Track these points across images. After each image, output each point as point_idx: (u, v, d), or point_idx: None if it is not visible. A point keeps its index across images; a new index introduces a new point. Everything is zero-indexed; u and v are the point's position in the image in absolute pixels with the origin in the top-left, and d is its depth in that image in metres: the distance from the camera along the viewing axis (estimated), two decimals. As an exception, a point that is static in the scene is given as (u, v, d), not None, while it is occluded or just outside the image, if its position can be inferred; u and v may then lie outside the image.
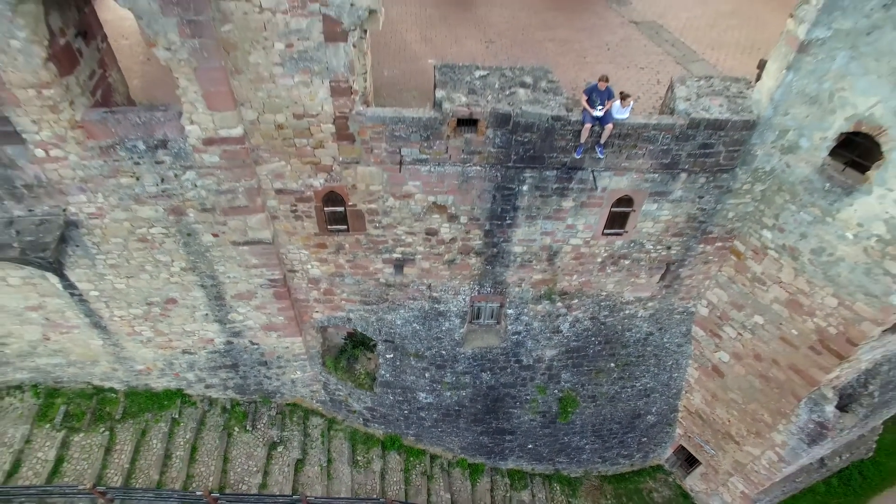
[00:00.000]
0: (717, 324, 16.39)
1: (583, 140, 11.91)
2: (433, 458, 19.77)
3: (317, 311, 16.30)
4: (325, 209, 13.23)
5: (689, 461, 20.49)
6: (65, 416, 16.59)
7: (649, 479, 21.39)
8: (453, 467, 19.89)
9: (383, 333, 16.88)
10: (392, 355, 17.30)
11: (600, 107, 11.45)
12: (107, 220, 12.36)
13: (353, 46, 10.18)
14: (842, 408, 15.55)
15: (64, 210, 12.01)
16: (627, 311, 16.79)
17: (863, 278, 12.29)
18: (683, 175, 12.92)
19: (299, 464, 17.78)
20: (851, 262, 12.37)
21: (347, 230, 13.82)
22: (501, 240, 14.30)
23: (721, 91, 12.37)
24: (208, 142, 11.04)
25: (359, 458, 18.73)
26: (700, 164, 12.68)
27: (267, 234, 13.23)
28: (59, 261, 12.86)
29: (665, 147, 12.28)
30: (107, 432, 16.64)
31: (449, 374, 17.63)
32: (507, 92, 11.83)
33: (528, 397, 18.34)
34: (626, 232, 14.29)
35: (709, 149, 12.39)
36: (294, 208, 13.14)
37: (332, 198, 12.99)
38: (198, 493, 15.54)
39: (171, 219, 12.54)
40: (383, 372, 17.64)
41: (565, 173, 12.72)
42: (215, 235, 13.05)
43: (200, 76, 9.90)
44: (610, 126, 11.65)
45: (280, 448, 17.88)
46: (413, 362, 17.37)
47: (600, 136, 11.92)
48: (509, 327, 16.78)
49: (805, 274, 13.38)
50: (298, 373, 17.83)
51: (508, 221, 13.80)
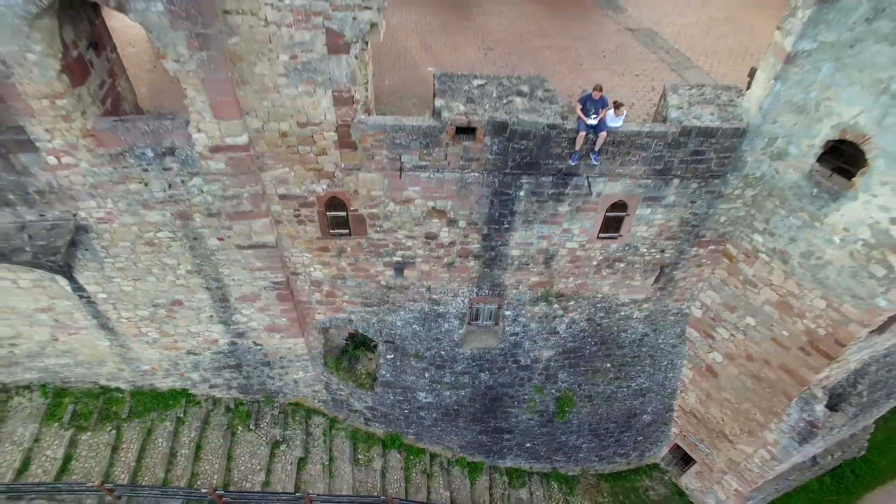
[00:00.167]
0: (711, 325, 16.66)
1: (578, 147, 12.20)
2: (433, 456, 19.97)
3: (319, 313, 16.56)
4: (327, 214, 13.51)
5: (684, 459, 20.72)
6: (72, 415, 16.92)
7: (645, 477, 21.58)
8: (452, 466, 20.09)
9: (384, 334, 17.11)
10: (392, 356, 17.54)
11: (594, 115, 11.77)
12: (115, 224, 12.69)
13: (355, 58, 10.47)
14: (831, 407, 15.84)
15: (74, 215, 12.35)
16: (623, 313, 17.06)
17: (849, 281, 12.60)
18: (676, 181, 13.20)
19: (302, 462, 18.03)
20: (838, 266, 12.67)
21: (349, 234, 14.09)
22: (499, 243, 14.57)
23: (712, 99, 12.64)
24: (215, 149, 11.34)
25: (360, 457, 18.96)
26: (692, 170, 12.96)
27: (271, 238, 13.51)
28: (69, 264, 13.20)
29: (658, 154, 12.56)
30: (113, 431, 16.96)
31: (448, 375, 17.86)
32: (505, 101, 12.11)
33: (526, 397, 18.57)
34: (621, 236, 14.55)
35: (700, 155, 12.68)
36: (297, 213, 13.42)
37: (334, 203, 13.27)
38: (203, 491, 15.88)
39: (178, 223, 12.85)
40: (384, 372, 17.87)
41: (561, 179, 13.01)
42: (220, 239, 13.35)
43: (208, 87, 10.18)
44: (604, 134, 11.95)
45: (283, 447, 18.13)
46: (413, 363, 17.61)
47: (595, 144, 12.22)
48: (507, 328, 17.04)
49: (794, 277, 13.68)
50: (301, 373, 18.07)
51: (506, 226, 14.08)
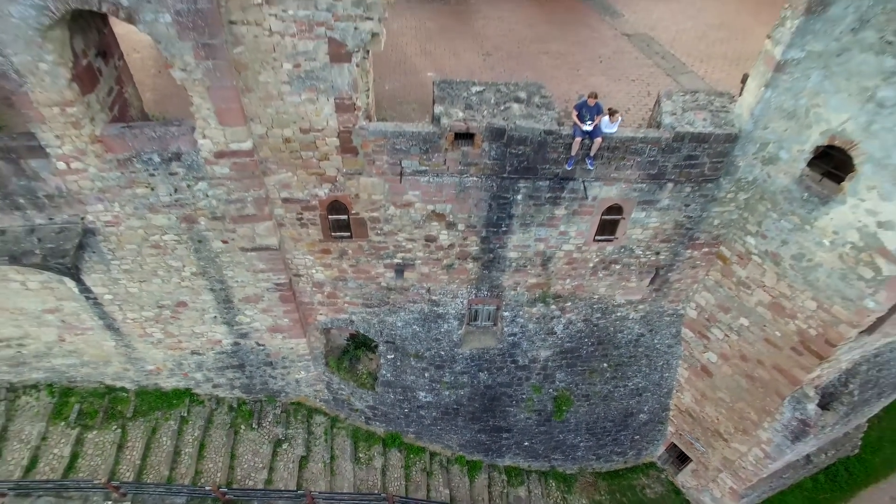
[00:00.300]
0: (705, 325, 16.92)
1: (574, 153, 12.46)
2: (432, 455, 20.17)
3: (321, 314, 16.80)
4: (329, 217, 13.76)
5: (680, 458, 20.95)
6: (79, 414, 17.18)
7: (642, 475, 21.77)
8: (452, 464, 20.28)
9: (384, 335, 17.34)
10: (393, 356, 17.76)
11: (590, 121, 12.02)
12: (122, 227, 12.96)
13: (357, 66, 10.72)
14: (823, 406, 16.11)
15: (82, 218, 12.63)
16: (619, 314, 17.32)
17: (839, 283, 12.88)
18: (670, 185, 13.46)
19: (303, 460, 18.27)
20: (828, 268, 12.94)
21: (350, 237, 14.34)
22: (497, 246, 14.83)
23: (705, 105, 12.88)
24: (219, 155, 11.60)
25: (361, 455, 19.18)
26: (686, 174, 13.23)
27: (274, 241, 13.77)
28: (77, 266, 13.49)
29: (652, 159, 12.82)
30: (119, 430, 17.22)
31: (448, 374, 18.09)
32: (502, 107, 12.36)
33: (524, 396, 18.80)
34: (617, 238, 14.80)
35: (694, 160, 12.94)
36: (300, 216, 13.67)
37: (336, 206, 13.52)
38: (206, 488, 16.15)
39: (184, 226, 13.12)
40: (384, 372, 18.08)
41: (557, 183, 13.27)
42: (225, 242, 13.61)
43: (213, 94, 10.43)
44: (599, 139, 12.21)
45: (285, 445, 18.37)
46: (413, 363, 17.83)
47: (590, 149, 12.47)
48: (505, 329, 17.27)
49: (786, 278, 13.95)
50: (303, 373, 18.30)
51: (504, 228, 14.33)
